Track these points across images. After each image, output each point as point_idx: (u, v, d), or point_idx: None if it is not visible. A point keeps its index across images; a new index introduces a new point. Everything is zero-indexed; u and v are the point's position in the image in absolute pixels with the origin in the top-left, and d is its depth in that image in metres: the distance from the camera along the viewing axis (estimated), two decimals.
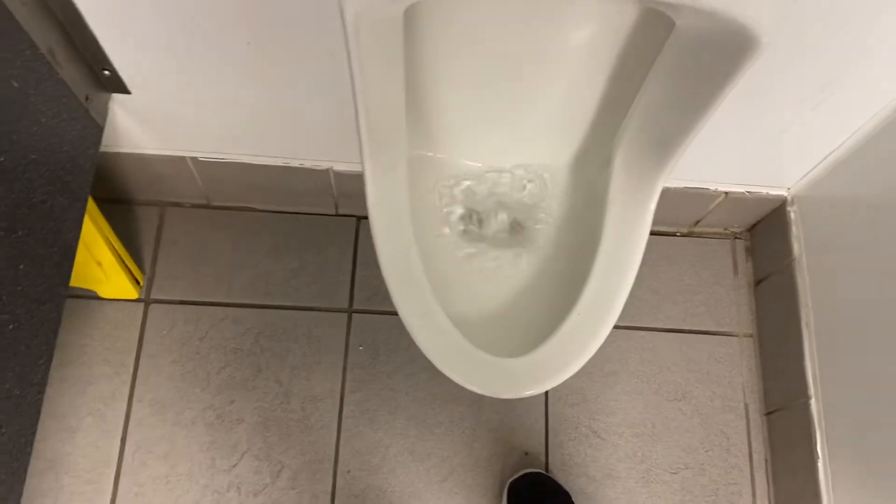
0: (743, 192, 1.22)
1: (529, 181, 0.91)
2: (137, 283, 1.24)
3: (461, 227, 0.90)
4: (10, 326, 0.81)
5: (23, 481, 0.85)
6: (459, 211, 0.90)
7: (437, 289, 0.81)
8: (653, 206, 0.81)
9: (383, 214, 0.81)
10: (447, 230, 0.90)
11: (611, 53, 0.78)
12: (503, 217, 0.90)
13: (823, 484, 1.08)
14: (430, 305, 0.79)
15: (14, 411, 0.82)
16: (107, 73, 0.97)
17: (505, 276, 0.88)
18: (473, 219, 0.90)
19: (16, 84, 0.79)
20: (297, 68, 0.94)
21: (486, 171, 0.91)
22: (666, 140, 0.75)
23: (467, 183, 0.91)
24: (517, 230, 0.91)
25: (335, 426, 1.21)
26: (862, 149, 1.04)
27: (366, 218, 1.31)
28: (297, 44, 0.89)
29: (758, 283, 1.32)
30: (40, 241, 0.86)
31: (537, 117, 0.87)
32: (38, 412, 0.88)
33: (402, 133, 0.78)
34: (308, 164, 1.17)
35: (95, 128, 0.98)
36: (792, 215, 1.21)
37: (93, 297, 1.25)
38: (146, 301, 1.26)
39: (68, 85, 0.90)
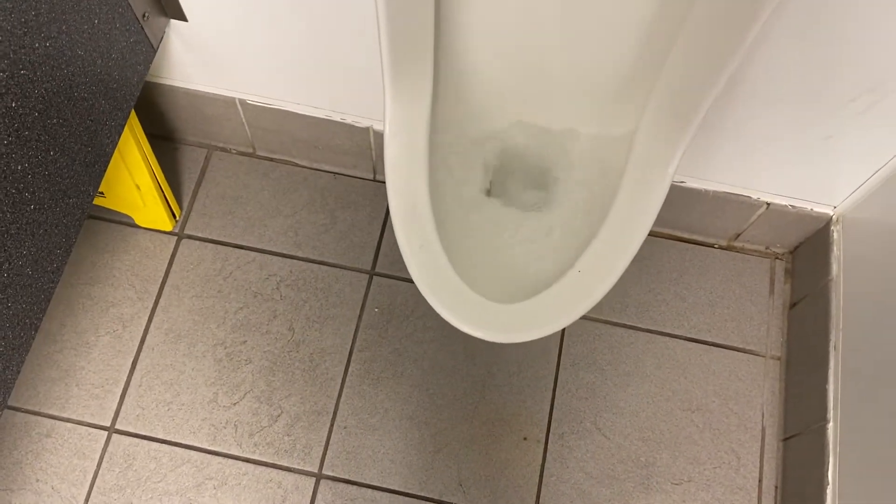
0: (786, 206, 1.18)
1: (555, 139, 0.90)
2: (174, 216, 1.28)
3: (480, 177, 0.90)
4: (32, 206, 0.84)
5: (22, 361, 0.88)
6: (480, 161, 0.90)
7: (445, 231, 0.81)
8: (671, 170, 0.80)
9: (399, 144, 0.81)
10: (465, 178, 0.89)
11: (650, 4, 0.77)
12: (523, 172, 0.90)
13: None
14: (430, 239, 0.79)
15: (23, 290, 0.86)
16: None
17: (515, 229, 0.88)
18: (493, 171, 0.90)
19: None
20: (346, 10, 0.96)
21: (512, 126, 0.91)
22: (692, 96, 0.74)
23: (491, 134, 0.91)
24: (536, 186, 0.90)
25: (339, 380, 1.21)
26: None
27: None
28: None
29: (793, 305, 1.27)
30: (74, 136, 0.90)
31: (570, 73, 0.86)
32: (48, 300, 0.91)
33: (429, 59, 0.78)
34: (349, 120, 1.19)
35: (148, 46, 1.02)
36: (835, 234, 1.17)
37: (129, 223, 1.29)
38: (179, 235, 1.30)
39: None
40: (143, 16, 0.99)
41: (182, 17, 1.05)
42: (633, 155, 0.81)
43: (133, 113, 1.10)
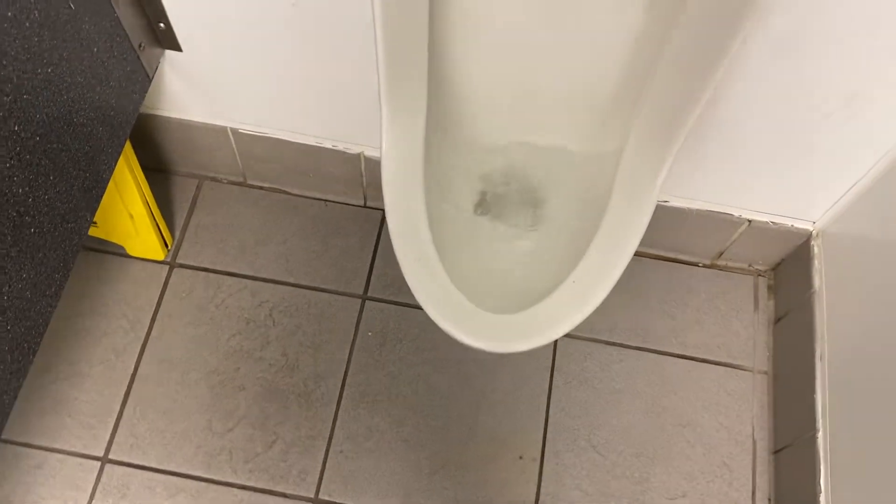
0: (767, 222, 1.21)
1: (547, 157, 0.93)
2: (166, 245, 1.29)
3: (474, 195, 0.92)
4: (32, 230, 0.85)
5: (20, 386, 0.88)
6: (474, 178, 0.92)
7: (440, 246, 0.83)
8: (660, 181, 0.82)
9: (395, 160, 0.84)
10: (460, 196, 0.92)
11: (635, 24, 0.81)
12: (515, 188, 0.92)
13: None
14: (427, 253, 0.81)
15: (23, 314, 0.86)
16: (162, 26, 1.03)
17: (509, 244, 0.90)
18: (487, 188, 0.92)
19: (72, 6, 0.85)
20: (337, 38, 0.99)
21: (505, 145, 0.93)
22: (679, 107, 0.77)
23: (484, 154, 0.93)
24: (528, 202, 0.92)
25: (334, 405, 1.21)
26: (887, 180, 1.03)
27: None
28: (339, 7, 0.94)
29: (777, 321, 1.30)
30: (73, 161, 0.91)
31: (559, 93, 0.89)
32: (46, 325, 0.91)
33: (423, 78, 0.81)
34: (340, 147, 1.22)
35: (144, 76, 1.04)
36: (815, 249, 1.20)
37: (121, 254, 1.30)
38: (171, 264, 1.30)
39: (123, 26, 0.97)
40: (140, 46, 1.02)
41: (177, 48, 1.08)
42: (623, 166, 0.84)
43: (128, 142, 1.11)
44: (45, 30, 0.81)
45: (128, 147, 1.12)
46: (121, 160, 1.10)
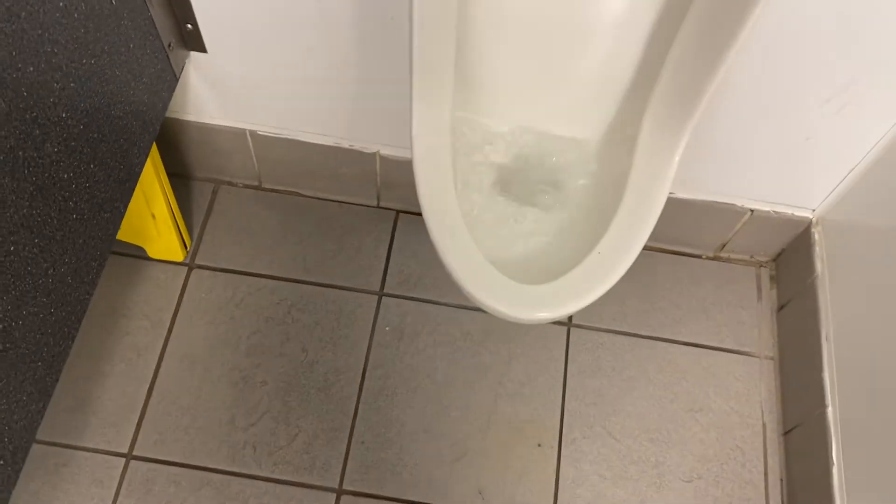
0: (769, 211, 1.26)
1: (566, 143, 0.97)
2: (185, 246, 1.32)
3: (494, 177, 0.96)
4: (74, 216, 0.88)
5: (60, 369, 0.90)
6: (494, 162, 0.96)
7: (467, 226, 0.87)
8: (677, 157, 0.87)
9: (424, 144, 0.88)
10: (481, 178, 0.96)
11: (647, 19, 0.86)
12: (535, 172, 0.96)
13: (837, 491, 1.07)
14: (459, 228, 0.84)
15: (64, 298, 0.88)
16: (189, 27, 1.07)
17: (530, 224, 0.93)
18: (507, 171, 0.96)
19: (113, 2, 0.89)
20: (358, 39, 1.04)
21: (523, 130, 0.98)
22: (692, 89, 0.82)
23: (504, 138, 0.97)
24: (548, 185, 0.96)
25: (354, 398, 1.24)
26: (882, 164, 1.09)
27: (405, 212, 1.39)
28: (360, 7, 0.99)
29: (780, 308, 1.34)
30: (110, 152, 0.94)
31: (576, 81, 0.94)
32: (83, 312, 0.94)
33: (451, 63, 0.85)
34: (357, 146, 1.26)
35: (172, 75, 1.08)
36: (816, 235, 1.25)
37: (141, 256, 1.32)
38: (190, 265, 1.33)
39: (156, 25, 1.00)
40: (168, 45, 1.05)
41: (202, 49, 1.11)
42: (640, 144, 0.88)
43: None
44: (90, 21, 0.85)
45: (152, 147, 1.15)
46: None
